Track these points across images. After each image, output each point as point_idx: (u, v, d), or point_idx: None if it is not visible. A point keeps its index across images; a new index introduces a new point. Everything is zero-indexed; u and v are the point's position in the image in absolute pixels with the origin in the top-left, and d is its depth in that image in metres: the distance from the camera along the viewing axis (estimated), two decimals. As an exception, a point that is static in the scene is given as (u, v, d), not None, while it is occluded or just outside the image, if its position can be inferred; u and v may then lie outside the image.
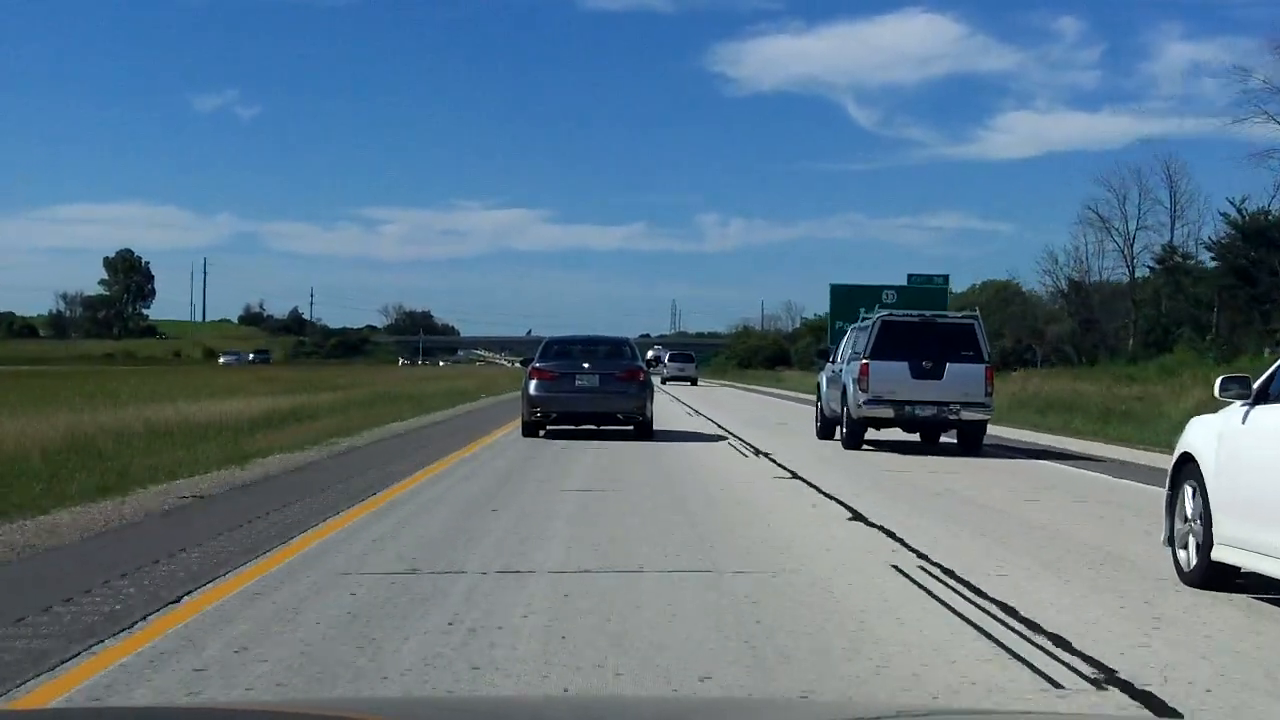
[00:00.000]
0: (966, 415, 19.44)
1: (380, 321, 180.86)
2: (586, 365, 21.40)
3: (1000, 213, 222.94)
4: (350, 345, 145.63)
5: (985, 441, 20.05)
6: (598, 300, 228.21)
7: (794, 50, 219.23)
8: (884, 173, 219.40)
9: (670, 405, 35.50)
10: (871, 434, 20.31)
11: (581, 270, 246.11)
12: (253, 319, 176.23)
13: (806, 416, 26.40)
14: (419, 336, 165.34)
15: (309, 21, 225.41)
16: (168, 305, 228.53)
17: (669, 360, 71.47)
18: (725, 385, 71.31)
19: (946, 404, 19.41)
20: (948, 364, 19.51)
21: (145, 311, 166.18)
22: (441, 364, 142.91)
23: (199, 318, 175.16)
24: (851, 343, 21.35)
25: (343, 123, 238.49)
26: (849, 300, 42.56)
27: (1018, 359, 60.71)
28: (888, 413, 19.60)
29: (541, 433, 21.11)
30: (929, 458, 18.58)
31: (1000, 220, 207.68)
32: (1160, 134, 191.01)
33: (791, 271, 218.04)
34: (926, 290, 46.51)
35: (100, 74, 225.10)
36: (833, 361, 22.93)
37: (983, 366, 19.65)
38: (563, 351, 22.03)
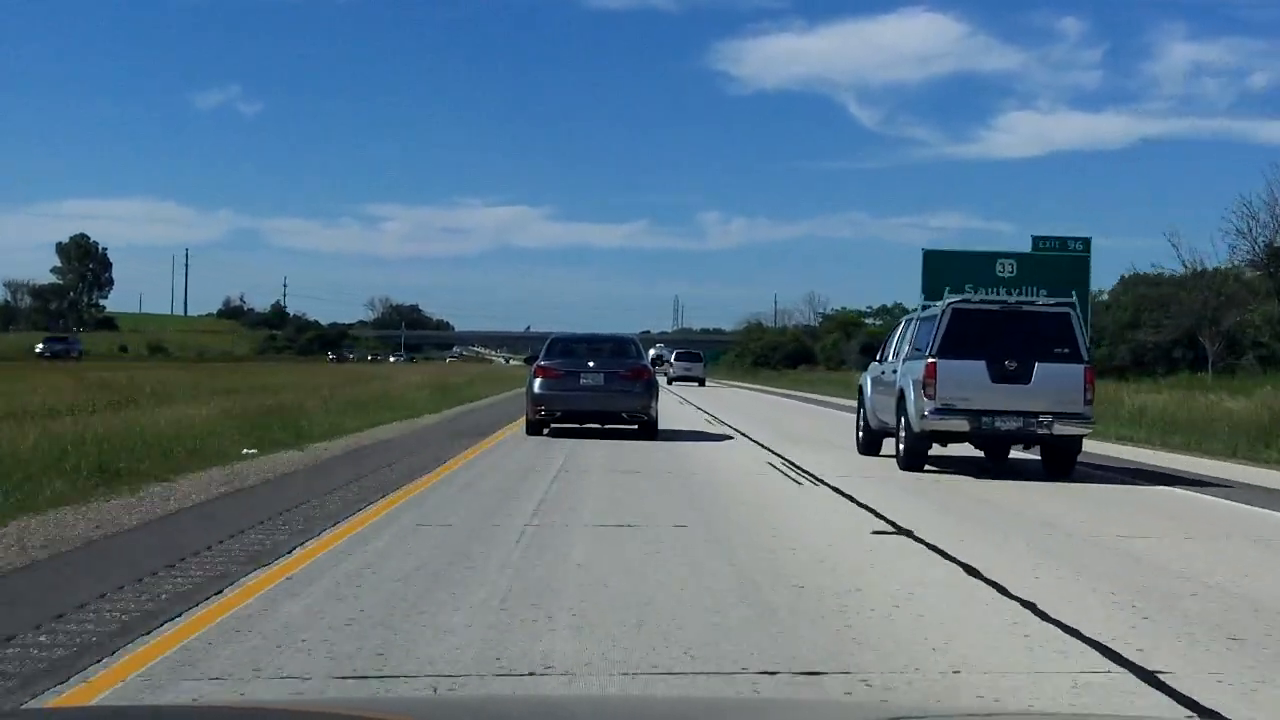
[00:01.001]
0: (1060, 429, 15.39)
1: (368, 316, 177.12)
2: (591, 364, 20.83)
3: (1002, 213, 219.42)
4: (329, 340, 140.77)
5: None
6: (599, 297, 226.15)
7: (796, 49, 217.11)
8: (886, 172, 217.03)
9: (717, 427, 31.45)
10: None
11: (583, 268, 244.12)
12: (232, 313, 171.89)
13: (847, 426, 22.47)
14: (401, 331, 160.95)
15: (310, 21, 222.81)
16: (164, 300, 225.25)
17: (675, 359, 66.99)
18: (762, 389, 59.16)
19: (1035, 415, 15.38)
20: (1036, 364, 15.51)
21: (103, 303, 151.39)
22: (393, 359, 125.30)
23: (172, 311, 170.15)
24: (911, 336, 17.24)
25: (344, 121, 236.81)
26: (949, 272, 29.63)
27: (1161, 357, 48.09)
28: (961, 425, 15.58)
29: (545, 431, 20.41)
30: (1034, 484, 14.66)
31: (1002, 220, 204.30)
32: (1161, 134, 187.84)
33: (795, 269, 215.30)
34: (1060, 259, 31.37)
35: (102, 72, 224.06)
36: (880, 359, 18.95)
37: (1081, 367, 15.62)
38: (568, 349, 21.57)
